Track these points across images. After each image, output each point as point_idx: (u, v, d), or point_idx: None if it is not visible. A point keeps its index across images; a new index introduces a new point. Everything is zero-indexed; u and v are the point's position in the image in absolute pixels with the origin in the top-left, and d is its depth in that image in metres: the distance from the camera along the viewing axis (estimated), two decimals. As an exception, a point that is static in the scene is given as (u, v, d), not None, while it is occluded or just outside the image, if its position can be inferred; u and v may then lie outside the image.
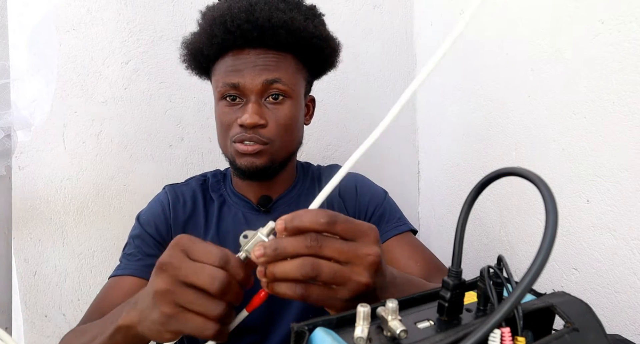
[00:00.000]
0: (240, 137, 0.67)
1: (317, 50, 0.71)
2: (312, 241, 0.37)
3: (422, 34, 1.18)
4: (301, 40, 0.68)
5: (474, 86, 0.95)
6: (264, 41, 0.66)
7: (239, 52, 0.67)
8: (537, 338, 0.31)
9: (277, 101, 0.68)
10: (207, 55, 0.70)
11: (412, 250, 0.73)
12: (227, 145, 0.70)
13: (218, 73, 0.70)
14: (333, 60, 0.77)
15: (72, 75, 0.95)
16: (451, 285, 0.33)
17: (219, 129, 0.72)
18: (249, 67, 0.66)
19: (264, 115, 0.67)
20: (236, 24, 0.64)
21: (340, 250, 0.37)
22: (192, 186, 0.79)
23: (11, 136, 0.74)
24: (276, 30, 0.65)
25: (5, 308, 0.77)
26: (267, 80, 0.66)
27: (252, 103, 0.66)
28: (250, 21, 0.64)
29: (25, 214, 0.93)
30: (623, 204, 0.63)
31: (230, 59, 0.68)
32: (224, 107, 0.70)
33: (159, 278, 0.38)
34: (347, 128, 1.17)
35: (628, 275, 0.63)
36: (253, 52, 0.67)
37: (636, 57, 0.60)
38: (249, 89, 0.67)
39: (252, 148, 0.67)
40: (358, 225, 0.39)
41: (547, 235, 0.25)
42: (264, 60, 0.67)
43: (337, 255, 0.37)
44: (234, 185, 0.79)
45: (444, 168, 1.11)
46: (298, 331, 0.31)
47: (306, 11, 0.72)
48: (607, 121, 0.64)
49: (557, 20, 0.72)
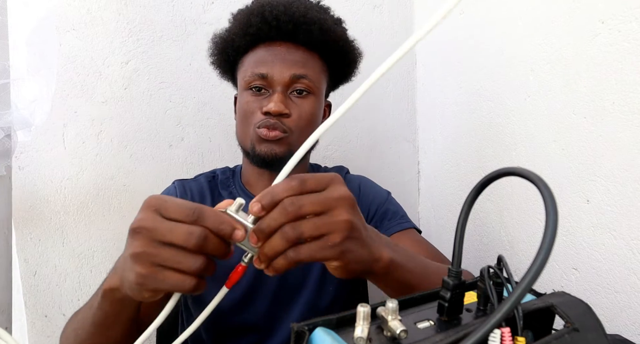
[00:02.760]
0: (264, 123, 0.69)
1: (342, 54, 0.75)
2: (289, 206, 0.38)
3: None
4: (330, 41, 0.72)
5: (474, 86, 0.95)
6: (296, 36, 0.70)
7: (271, 44, 0.71)
8: (537, 338, 0.31)
9: (302, 95, 0.71)
10: (237, 46, 0.72)
11: (415, 244, 0.73)
12: (248, 132, 0.71)
13: (247, 64, 0.72)
14: (353, 68, 0.80)
15: (72, 75, 0.95)
16: (451, 285, 0.33)
17: (241, 117, 0.73)
18: (279, 60, 0.69)
19: (289, 106, 0.69)
20: (274, 15, 0.68)
21: (317, 201, 0.39)
22: (200, 182, 0.80)
23: (11, 136, 0.74)
24: (309, 27, 0.69)
25: (5, 308, 0.77)
26: (295, 75, 0.69)
27: (279, 93, 0.69)
28: (287, 14, 0.68)
29: (25, 214, 0.93)
30: (623, 204, 0.63)
31: (262, 51, 0.71)
32: (248, 96, 0.71)
33: (135, 241, 0.38)
34: (347, 128, 1.17)
35: (628, 275, 0.63)
36: (284, 45, 0.70)
37: (636, 57, 0.60)
38: (276, 81, 0.69)
39: (274, 134, 0.68)
40: (323, 176, 0.41)
41: (547, 235, 0.25)
42: (294, 56, 0.70)
43: (316, 208, 0.39)
44: (243, 182, 0.80)
45: (444, 168, 1.11)
46: (298, 331, 0.31)
47: (335, 18, 0.76)
48: (607, 121, 0.64)
49: (557, 20, 0.72)
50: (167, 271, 0.37)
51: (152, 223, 0.38)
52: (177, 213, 0.38)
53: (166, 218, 0.38)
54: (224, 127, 1.06)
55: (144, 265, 0.37)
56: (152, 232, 0.37)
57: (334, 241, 0.39)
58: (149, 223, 0.38)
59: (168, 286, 0.37)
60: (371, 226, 0.47)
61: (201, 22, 1.03)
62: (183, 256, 0.37)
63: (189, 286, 0.37)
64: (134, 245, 0.38)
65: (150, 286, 0.38)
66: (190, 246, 0.37)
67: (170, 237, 0.37)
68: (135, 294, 0.40)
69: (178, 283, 0.37)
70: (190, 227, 0.37)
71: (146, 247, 0.37)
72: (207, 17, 1.03)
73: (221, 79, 0.84)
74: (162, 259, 0.37)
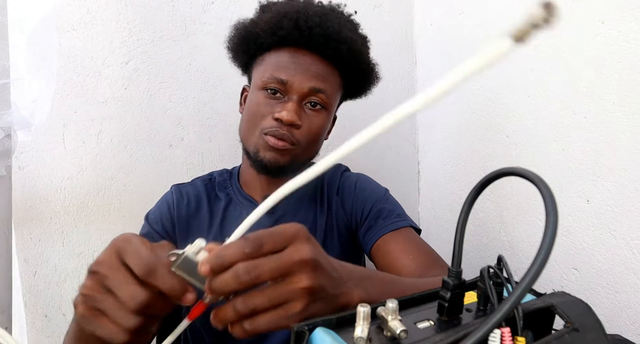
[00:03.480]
0: (274, 131, 0.67)
1: (362, 76, 0.75)
2: (243, 274, 0.34)
3: (422, 34, 1.18)
4: (354, 61, 0.71)
5: (474, 86, 0.95)
6: (324, 50, 0.69)
7: (296, 51, 0.69)
8: (537, 338, 0.31)
9: (315, 109, 0.70)
10: (261, 43, 0.71)
11: (407, 244, 0.71)
12: (254, 135, 0.70)
13: (267, 64, 0.71)
14: (367, 90, 0.81)
15: (72, 75, 0.95)
16: (451, 285, 0.33)
17: (249, 117, 0.71)
18: (302, 69, 0.68)
19: (301, 117, 0.69)
20: (309, 25, 0.67)
21: (274, 268, 0.35)
22: (197, 186, 0.80)
23: (11, 136, 0.74)
24: (340, 44, 0.68)
25: (5, 308, 0.77)
26: (314, 88, 0.68)
27: (294, 102, 0.68)
28: (322, 27, 0.67)
29: (25, 214, 0.93)
30: (623, 204, 0.63)
31: (286, 55, 0.69)
32: (262, 97, 0.70)
33: (88, 281, 0.38)
34: (347, 128, 1.17)
35: (628, 275, 0.63)
36: (309, 55, 0.69)
37: (636, 57, 0.60)
38: (295, 89, 0.68)
39: (282, 144, 0.67)
40: (282, 232, 0.37)
41: (547, 235, 0.25)
42: (317, 68, 0.69)
43: (274, 275, 0.35)
44: (240, 184, 0.80)
45: (444, 168, 1.11)
46: (298, 331, 0.31)
47: (363, 38, 0.76)
48: (607, 121, 0.64)
49: (557, 20, 0.72)
50: (104, 320, 0.37)
51: (107, 270, 0.37)
52: (133, 264, 0.37)
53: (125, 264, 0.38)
54: (224, 127, 1.06)
55: (86, 306, 0.38)
56: (104, 279, 0.37)
57: (295, 309, 0.36)
58: (104, 270, 0.37)
59: (100, 333, 0.37)
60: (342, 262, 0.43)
61: (201, 22, 1.03)
62: (120, 311, 0.36)
63: (118, 340, 0.37)
64: (86, 284, 0.38)
65: (86, 326, 0.38)
66: (130, 307, 0.36)
67: (117, 292, 0.37)
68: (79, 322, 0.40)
69: (108, 334, 0.37)
70: (136, 290, 0.36)
71: (93, 291, 0.37)
72: (207, 17, 1.03)
73: (222, 78, 0.84)
74: (103, 307, 0.37)
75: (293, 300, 0.36)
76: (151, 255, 0.37)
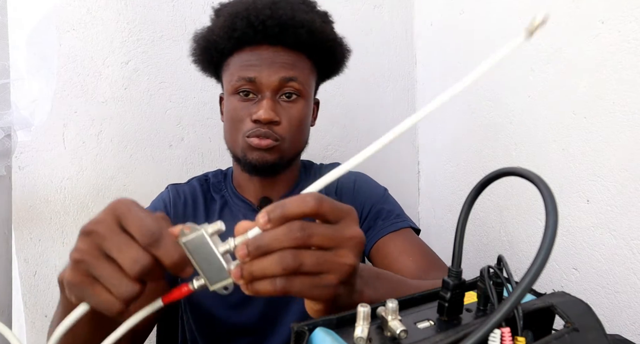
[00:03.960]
0: (254, 132, 0.67)
1: (330, 53, 0.73)
2: (299, 231, 0.33)
3: (422, 34, 1.18)
4: (318, 42, 0.69)
5: (474, 86, 0.95)
6: (283, 39, 0.67)
7: (257, 47, 0.68)
8: (537, 338, 0.31)
9: (291, 100, 0.69)
10: (222, 49, 0.70)
11: (407, 245, 0.71)
12: (237, 140, 0.70)
13: (233, 68, 0.70)
14: (342, 65, 0.78)
15: (72, 75, 0.95)
16: (451, 285, 0.33)
17: (229, 124, 0.71)
18: (267, 63, 0.67)
19: (278, 112, 0.68)
20: (260, 19, 0.65)
21: (328, 236, 0.34)
22: (193, 186, 0.79)
23: (11, 136, 0.74)
24: (297, 29, 0.66)
25: (5, 308, 0.77)
26: (284, 78, 0.67)
27: (268, 99, 0.67)
28: (274, 17, 0.65)
29: (25, 214, 0.93)
30: (623, 204, 0.63)
31: (247, 54, 0.68)
32: (236, 101, 0.69)
33: (81, 244, 0.35)
34: (347, 128, 1.17)
35: (628, 275, 0.63)
36: (271, 48, 0.68)
37: (636, 57, 0.60)
38: (265, 85, 0.67)
39: (266, 143, 0.67)
40: (340, 206, 0.36)
41: (547, 235, 0.25)
42: (282, 58, 0.68)
43: (325, 242, 0.34)
44: (235, 186, 0.79)
45: (444, 168, 1.11)
46: (298, 331, 0.31)
47: (322, 15, 0.74)
48: (607, 121, 0.64)
49: (557, 20, 0.72)
50: (98, 287, 0.34)
51: (105, 230, 0.34)
52: (135, 229, 0.34)
53: (124, 229, 0.34)
54: (224, 127, 1.06)
55: (77, 273, 0.34)
56: (102, 241, 0.34)
57: (330, 282, 0.35)
58: (102, 230, 0.34)
59: (93, 302, 0.34)
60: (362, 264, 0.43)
61: (201, 22, 1.02)
62: (120, 279, 0.33)
63: (115, 310, 0.34)
64: (78, 247, 0.35)
65: (76, 294, 0.35)
66: (131, 274, 0.33)
67: (116, 255, 0.33)
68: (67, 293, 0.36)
69: (103, 304, 0.34)
70: (139, 253, 0.33)
71: (88, 255, 0.34)
72: (208, 17, 1.03)
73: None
74: (99, 273, 0.34)
75: (332, 272, 0.35)
76: (156, 222, 0.34)
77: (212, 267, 0.35)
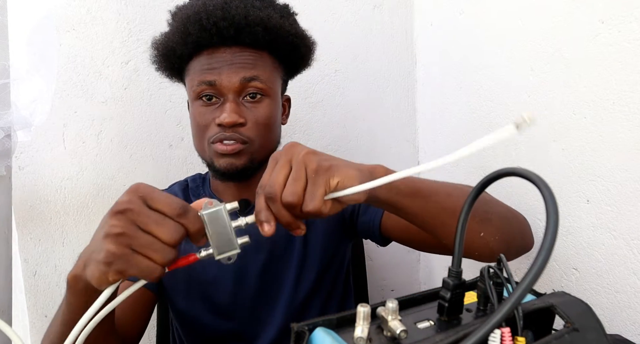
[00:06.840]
0: (219, 137, 0.65)
1: (293, 48, 0.71)
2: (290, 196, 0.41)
3: (422, 34, 1.18)
4: (278, 38, 0.67)
5: (474, 86, 0.95)
6: (240, 39, 0.65)
7: (214, 50, 0.66)
8: (537, 338, 0.31)
9: (255, 100, 0.67)
10: (180, 54, 0.68)
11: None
12: (204, 147, 0.69)
13: (193, 73, 0.68)
14: (308, 59, 0.76)
15: (72, 75, 0.95)
16: (451, 285, 0.34)
17: (195, 131, 0.70)
18: (226, 65, 0.65)
19: (243, 113, 0.66)
20: (212, 22, 0.63)
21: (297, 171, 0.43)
22: (174, 191, 0.79)
23: (11, 136, 0.74)
24: (253, 28, 0.64)
25: (5, 308, 0.77)
26: (244, 78, 0.65)
27: (230, 102, 0.65)
28: (226, 18, 0.63)
29: (25, 214, 0.93)
30: (623, 204, 0.63)
31: (205, 58, 0.66)
32: (199, 107, 0.68)
33: (115, 221, 0.38)
34: (347, 128, 1.17)
35: (628, 275, 0.63)
36: (229, 50, 0.66)
37: (636, 57, 0.60)
38: (226, 87, 0.65)
39: (232, 148, 0.65)
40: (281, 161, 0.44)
41: (548, 236, 0.25)
42: (241, 58, 0.66)
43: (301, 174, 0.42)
44: (212, 189, 0.79)
45: (444, 168, 1.11)
46: (298, 331, 0.31)
47: (281, 9, 0.71)
48: (607, 121, 0.64)
49: (557, 20, 0.72)
50: (139, 257, 0.38)
51: (138, 208, 0.38)
52: (164, 205, 0.39)
53: (151, 208, 0.39)
54: (224, 127, 1.06)
55: (119, 245, 0.38)
56: (137, 216, 0.38)
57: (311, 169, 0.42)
58: (135, 207, 0.38)
59: (136, 271, 0.38)
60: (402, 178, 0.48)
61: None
62: (161, 246, 0.38)
63: (156, 275, 0.38)
64: (113, 225, 0.38)
65: (118, 267, 0.38)
66: (171, 242, 0.38)
67: (154, 228, 0.38)
68: (97, 276, 0.39)
69: (147, 270, 0.38)
70: (175, 225, 0.38)
71: (126, 229, 0.38)
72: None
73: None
74: (139, 244, 0.38)
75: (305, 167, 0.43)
76: (179, 199, 0.40)
77: (222, 238, 0.41)
